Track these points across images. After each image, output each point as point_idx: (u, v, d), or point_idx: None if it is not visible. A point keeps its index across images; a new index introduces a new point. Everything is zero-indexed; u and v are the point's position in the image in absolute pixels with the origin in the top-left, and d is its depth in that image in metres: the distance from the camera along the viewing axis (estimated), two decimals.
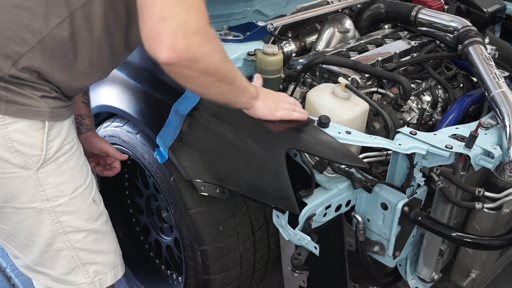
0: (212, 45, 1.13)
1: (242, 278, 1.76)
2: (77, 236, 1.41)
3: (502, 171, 1.51)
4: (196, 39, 1.07)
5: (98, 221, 1.46)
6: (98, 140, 1.69)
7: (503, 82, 1.66)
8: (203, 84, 1.17)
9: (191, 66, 1.10)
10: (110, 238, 1.51)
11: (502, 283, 2.29)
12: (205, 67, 1.13)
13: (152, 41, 1.06)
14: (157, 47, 1.05)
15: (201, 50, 1.09)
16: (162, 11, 1.04)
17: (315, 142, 1.36)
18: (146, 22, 1.06)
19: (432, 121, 1.83)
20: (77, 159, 1.39)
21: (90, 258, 1.46)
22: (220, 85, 1.21)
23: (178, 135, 1.48)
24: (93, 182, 1.47)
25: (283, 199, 1.36)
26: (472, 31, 1.92)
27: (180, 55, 1.06)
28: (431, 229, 1.47)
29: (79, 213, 1.40)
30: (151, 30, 1.05)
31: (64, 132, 1.33)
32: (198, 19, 1.08)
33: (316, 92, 1.59)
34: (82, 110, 1.67)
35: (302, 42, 2.08)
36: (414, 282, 1.69)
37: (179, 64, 1.08)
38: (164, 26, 1.04)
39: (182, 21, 1.05)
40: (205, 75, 1.15)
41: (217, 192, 1.46)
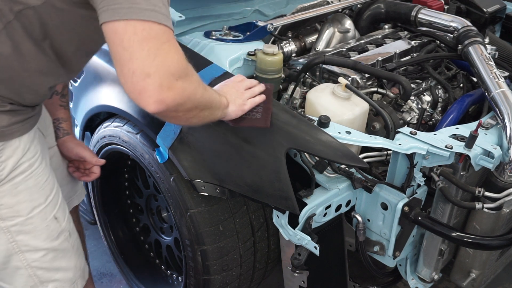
0: (193, 83, 1.15)
1: (242, 278, 1.76)
2: (34, 255, 1.38)
3: (502, 171, 1.51)
4: (180, 85, 1.09)
5: (59, 239, 1.42)
6: (75, 145, 1.65)
7: (503, 82, 1.66)
8: (187, 118, 1.20)
9: (177, 109, 1.13)
10: (71, 255, 1.48)
11: (502, 283, 2.29)
12: (190, 106, 1.16)
13: (139, 96, 1.06)
14: (145, 102, 1.06)
15: (185, 93, 1.11)
16: (144, 68, 1.04)
17: (315, 142, 1.36)
18: (127, 78, 1.05)
19: (432, 121, 1.83)
20: (38, 177, 1.34)
21: (48, 276, 1.43)
22: (201, 114, 1.23)
23: (178, 135, 1.48)
24: (57, 198, 1.42)
25: (283, 199, 1.36)
26: (472, 31, 1.92)
27: (168, 105, 1.08)
28: (431, 229, 1.47)
29: (36, 232, 1.36)
30: (135, 87, 1.05)
31: (21, 150, 1.27)
32: (178, 63, 1.08)
33: (316, 92, 1.59)
34: (60, 114, 1.63)
35: (302, 42, 2.08)
36: (414, 282, 1.69)
37: (167, 111, 1.10)
38: (149, 82, 1.04)
39: (165, 73, 1.05)
40: (189, 112, 1.18)
41: (217, 192, 1.46)
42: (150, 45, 1.04)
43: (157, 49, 1.05)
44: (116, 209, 2.17)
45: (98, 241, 2.52)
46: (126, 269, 2.19)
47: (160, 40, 1.06)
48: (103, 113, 1.94)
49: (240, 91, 1.39)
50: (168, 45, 1.07)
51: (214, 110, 1.28)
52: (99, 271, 2.41)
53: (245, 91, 1.40)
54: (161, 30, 1.06)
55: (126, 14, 1.04)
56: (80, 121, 2.03)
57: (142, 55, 1.03)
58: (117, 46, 1.05)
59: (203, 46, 1.76)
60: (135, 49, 1.03)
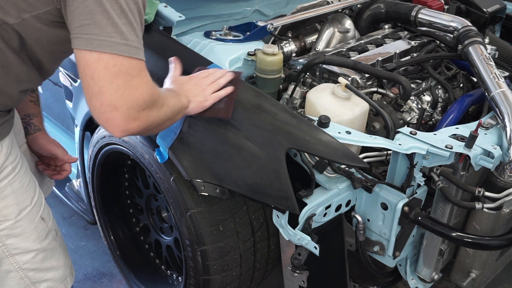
0: (158, 107, 1.20)
1: (242, 278, 1.76)
2: (25, 257, 1.40)
3: (502, 171, 1.51)
4: (145, 114, 1.15)
5: (47, 239, 1.44)
6: (47, 142, 1.63)
7: (503, 82, 1.66)
8: (152, 132, 1.28)
9: (142, 132, 1.20)
10: (59, 253, 1.50)
11: (502, 283, 2.29)
12: (155, 126, 1.22)
13: (105, 124, 1.13)
14: (111, 130, 1.13)
15: (150, 119, 1.18)
16: (112, 101, 1.09)
17: (315, 142, 1.36)
18: (95, 108, 1.11)
19: (432, 121, 1.83)
20: (22, 179, 1.35)
21: (40, 277, 1.45)
22: (163, 125, 1.29)
23: (178, 135, 1.48)
24: (41, 198, 1.43)
25: (283, 199, 1.36)
26: (472, 31, 1.92)
27: (133, 132, 1.16)
28: (431, 229, 1.47)
29: (25, 234, 1.37)
30: (103, 117, 1.12)
31: (4, 154, 1.28)
32: (147, 95, 1.14)
33: (316, 92, 1.59)
34: (30, 110, 1.61)
35: (302, 42, 2.08)
36: (414, 282, 1.69)
37: (132, 135, 1.21)
38: (115, 114, 1.10)
39: (132, 106, 1.11)
40: (154, 129, 1.25)
41: (217, 192, 1.46)
42: (119, 81, 1.09)
43: (126, 85, 1.10)
44: (116, 209, 2.17)
45: (98, 241, 2.52)
46: (126, 269, 2.19)
47: (131, 75, 1.10)
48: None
49: (202, 87, 1.40)
50: (138, 80, 1.12)
51: (175, 116, 1.32)
52: (99, 271, 2.41)
53: (208, 87, 1.41)
54: (131, 64, 1.11)
55: (99, 46, 1.08)
56: (80, 121, 2.03)
57: (111, 89, 1.08)
58: (88, 77, 1.10)
59: (203, 46, 1.76)
60: (105, 84, 1.08)
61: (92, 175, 2.05)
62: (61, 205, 2.62)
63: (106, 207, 2.15)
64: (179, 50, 1.64)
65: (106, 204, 2.14)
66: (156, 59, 1.60)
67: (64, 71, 2.09)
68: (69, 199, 2.42)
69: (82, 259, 2.48)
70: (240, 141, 1.41)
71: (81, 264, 2.45)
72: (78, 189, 2.36)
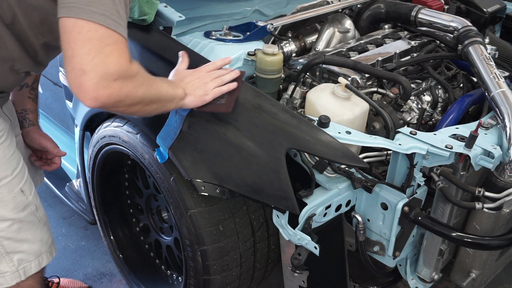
0: (135, 82, 1.19)
1: (242, 278, 1.76)
2: (1, 225, 1.46)
3: (502, 171, 1.51)
4: (117, 85, 1.14)
5: (25, 211, 1.50)
6: (38, 135, 1.75)
7: (503, 82, 1.66)
8: (131, 112, 1.26)
9: (116, 106, 1.19)
10: (37, 228, 1.55)
11: (502, 283, 2.29)
12: (130, 102, 1.20)
13: (76, 91, 1.13)
14: (81, 98, 1.13)
15: (123, 92, 1.16)
16: (82, 65, 1.10)
17: (315, 142, 1.36)
18: (69, 73, 1.13)
19: (432, 121, 1.83)
20: (5, 150, 1.43)
21: (15, 247, 1.50)
22: (147, 108, 1.27)
23: (178, 135, 1.48)
24: (23, 173, 1.51)
25: (283, 199, 1.36)
26: (472, 31, 1.92)
27: (104, 102, 1.14)
28: (431, 229, 1.47)
29: (3, 202, 1.44)
30: (73, 82, 1.12)
31: None
32: (118, 65, 1.14)
33: (316, 92, 1.59)
34: (27, 105, 1.73)
35: (302, 42, 2.08)
36: (414, 282, 1.69)
37: (104, 107, 1.16)
38: (84, 79, 1.10)
39: (102, 72, 1.11)
40: (131, 107, 1.23)
41: (217, 192, 1.46)
42: (91, 45, 1.11)
43: (98, 50, 1.11)
44: (116, 209, 2.17)
45: (98, 241, 2.52)
46: (126, 269, 2.19)
47: (104, 42, 1.12)
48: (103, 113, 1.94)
49: (205, 81, 1.41)
50: (111, 48, 1.13)
51: (164, 103, 1.32)
52: (99, 271, 2.41)
53: (211, 82, 1.41)
54: (106, 33, 1.13)
55: (77, 13, 1.11)
56: (80, 121, 2.03)
57: (82, 53, 1.10)
58: (64, 42, 1.13)
59: (203, 46, 1.76)
60: (77, 47, 1.10)
61: (92, 175, 2.05)
62: (61, 205, 2.62)
63: (106, 207, 2.15)
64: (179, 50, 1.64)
65: (106, 204, 2.14)
66: (156, 59, 1.60)
67: (64, 71, 2.08)
68: (69, 199, 2.42)
69: (82, 259, 2.48)
70: (240, 141, 1.41)
71: (81, 264, 2.45)
72: (78, 189, 2.36)
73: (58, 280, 2.18)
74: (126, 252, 2.20)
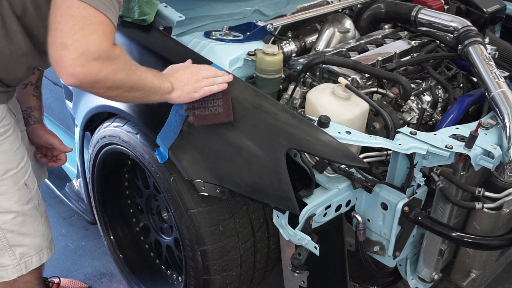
0: (115, 65, 1.18)
1: (242, 278, 1.76)
2: (5, 217, 1.47)
3: (502, 171, 1.51)
4: (97, 64, 1.13)
5: (28, 205, 1.52)
6: (45, 133, 1.78)
7: (503, 82, 1.66)
8: (110, 96, 1.25)
9: (94, 86, 1.18)
10: (39, 222, 1.57)
11: (502, 283, 2.29)
12: (109, 85, 1.19)
13: (55, 65, 1.13)
14: (59, 72, 1.13)
15: (102, 73, 1.15)
16: (64, 38, 1.10)
17: (315, 142, 1.36)
18: (51, 46, 1.13)
19: (432, 121, 1.83)
20: (12, 142, 1.45)
21: (17, 240, 1.52)
22: (128, 94, 1.27)
23: (178, 135, 1.48)
24: (27, 167, 1.53)
25: (283, 199, 1.36)
26: (472, 31, 1.92)
27: (81, 80, 1.13)
28: (431, 229, 1.47)
29: (8, 194, 1.46)
30: (54, 55, 1.12)
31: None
32: (100, 45, 1.13)
33: (316, 92, 1.59)
34: (32, 103, 1.75)
35: (302, 42, 2.08)
36: (414, 282, 1.69)
37: (81, 86, 1.15)
38: (64, 53, 1.10)
39: (82, 49, 1.11)
40: (110, 90, 1.22)
41: (217, 192, 1.46)
42: (77, 21, 1.11)
43: (82, 27, 1.11)
44: (116, 209, 2.17)
45: (98, 241, 2.52)
46: (126, 269, 2.19)
47: (89, 20, 1.12)
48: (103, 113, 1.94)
49: (196, 78, 1.40)
50: (95, 27, 1.13)
51: (147, 93, 1.31)
52: (99, 271, 2.41)
53: (202, 80, 1.40)
54: (94, 14, 1.13)
55: None
56: (80, 121, 2.03)
57: (66, 27, 1.11)
58: (52, 15, 1.13)
59: (203, 46, 1.76)
60: (63, 21, 1.11)
61: (92, 175, 2.05)
62: (61, 205, 2.62)
63: (106, 207, 2.15)
64: (179, 50, 1.64)
65: (106, 204, 2.14)
66: (156, 59, 1.60)
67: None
68: (69, 199, 2.42)
69: (82, 259, 2.48)
70: (240, 141, 1.41)
71: (81, 264, 2.45)
72: (78, 189, 2.36)
73: (58, 280, 2.18)
74: (126, 252, 2.20)
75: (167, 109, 1.52)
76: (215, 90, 1.40)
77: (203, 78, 1.40)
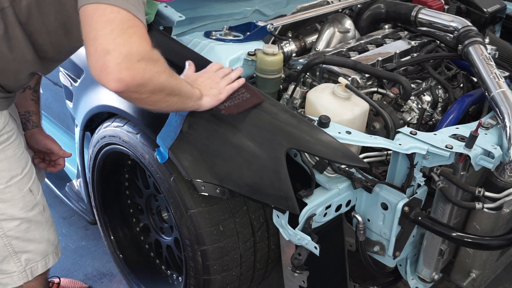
0: (157, 67, 1.18)
1: (242, 278, 1.76)
2: (10, 224, 1.46)
3: (502, 171, 1.51)
4: (141, 66, 1.12)
5: (33, 211, 1.51)
6: (43, 137, 1.75)
7: (503, 82, 1.66)
8: (152, 102, 1.22)
9: (139, 91, 1.16)
10: (44, 228, 1.56)
11: (502, 283, 2.29)
12: (152, 88, 1.18)
13: (100, 73, 1.10)
14: (105, 79, 1.10)
15: (147, 75, 1.14)
16: (105, 45, 1.09)
17: (315, 142, 1.36)
18: (91, 55, 1.11)
19: (432, 121, 1.83)
20: (15, 149, 1.44)
21: (22, 246, 1.51)
22: (168, 99, 1.25)
23: (178, 135, 1.48)
24: (31, 173, 1.52)
25: (283, 199, 1.36)
26: (472, 31, 1.92)
27: (128, 84, 1.11)
28: (431, 229, 1.47)
29: (13, 201, 1.45)
30: (97, 64, 1.10)
31: (2, 122, 1.38)
32: (141, 46, 1.12)
33: (316, 92, 1.59)
34: (30, 107, 1.73)
35: (302, 42, 2.08)
36: (414, 282, 1.69)
37: (128, 91, 1.13)
38: (108, 59, 1.08)
39: (126, 52, 1.09)
40: (153, 95, 1.20)
41: (217, 192, 1.46)
42: (114, 26, 1.10)
43: (120, 30, 1.10)
44: (116, 209, 2.17)
45: (98, 241, 2.52)
46: (126, 269, 2.19)
47: (126, 24, 1.11)
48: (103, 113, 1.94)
49: (216, 81, 1.42)
50: (133, 30, 1.12)
51: (184, 99, 1.31)
52: (99, 271, 2.41)
53: (222, 80, 1.42)
54: (128, 16, 1.12)
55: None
56: (80, 121, 2.03)
57: (105, 33, 1.09)
58: (86, 26, 1.12)
59: (203, 46, 1.76)
60: (100, 28, 1.09)
61: (92, 175, 2.05)
62: (61, 205, 2.62)
63: (106, 207, 2.15)
64: (179, 50, 1.64)
65: (106, 204, 2.14)
66: None
67: (64, 71, 2.09)
68: (69, 199, 2.42)
69: (82, 259, 2.48)
70: (240, 141, 1.41)
71: (81, 264, 2.45)
72: (78, 189, 2.36)
73: (59, 280, 2.18)
74: (126, 252, 2.19)
75: None
76: (236, 87, 1.43)
77: (220, 79, 1.43)
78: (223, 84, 1.42)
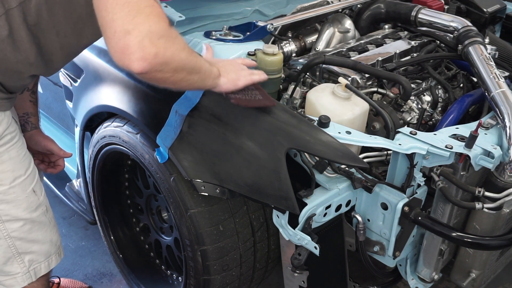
0: (177, 44, 1.17)
1: (242, 278, 1.76)
2: (14, 225, 1.46)
3: (502, 171, 1.51)
4: (162, 43, 1.11)
5: (37, 211, 1.51)
6: (43, 138, 1.75)
7: (503, 82, 1.66)
8: (175, 81, 1.21)
9: (163, 69, 1.14)
10: (47, 228, 1.56)
11: (502, 283, 2.29)
12: (175, 65, 1.17)
13: (121, 55, 1.09)
14: (128, 60, 1.09)
15: (168, 52, 1.13)
16: (124, 25, 1.07)
17: (315, 142, 1.36)
18: (111, 38, 1.09)
19: (432, 121, 1.83)
20: (19, 149, 1.44)
21: (26, 247, 1.51)
22: (190, 78, 1.24)
23: (178, 135, 1.48)
24: (34, 173, 1.51)
25: (283, 199, 1.36)
26: (472, 31, 1.92)
27: (152, 63, 1.10)
28: (431, 229, 1.47)
29: (17, 202, 1.44)
30: (118, 45, 1.08)
31: (5, 123, 1.38)
32: (160, 23, 1.11)
33: (316, 92, 1.59)
34: (29, 109, 1.72)
35: (302, 42, 2.08)
36: (414, 282, 1.69)
37: (152, 70, 1.11)
38: (129, 38, 1.07)
39: (146, 30, 1.08)
40: (176, 73, 1.19)
41: (217, 192, 1.46)
42: (131, 7, 1.08)
43: (137, 11, 1.08)
44: (116, 209, 2.17)
45: (98, 241, 2.52)
46: (126, 269, 2.19)
47: (142, 4, 1.10)
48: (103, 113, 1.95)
49: (237, 68, 1.41)
50: (150, 9, 1.10)
51: (204, 76, 1.29)
52: (99, 271, 2.42)
53: (243, 70, 1.42)
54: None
55: None
56: (80, 121, 2.03)
57: (122, 14, 1.07)
58: (102, 11, 1.10)
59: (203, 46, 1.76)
60: (117, 10, 1.08)
61: (92, 175, 2.05)
62: (61, 205, 2.62)
63: (106, 207, 2.15)
64: None
65: (106, 204, 2.14)
66: None
67: (64, 71, 2.09)
68: (69, 199, 2.42)
69: (82, 259, 2.48)
70: (240, 141, 1.41)
71: (81, 264, 2.45)
72: (78, 189, 2.36)
73: (59, 280, 2.18)
74: (126, 252, 2.20)
75: (167, 109, 1.52)
76: (256, 80, 1.42)
77: (242, 69, 1.42)
78: (244, 73, 1.41)
